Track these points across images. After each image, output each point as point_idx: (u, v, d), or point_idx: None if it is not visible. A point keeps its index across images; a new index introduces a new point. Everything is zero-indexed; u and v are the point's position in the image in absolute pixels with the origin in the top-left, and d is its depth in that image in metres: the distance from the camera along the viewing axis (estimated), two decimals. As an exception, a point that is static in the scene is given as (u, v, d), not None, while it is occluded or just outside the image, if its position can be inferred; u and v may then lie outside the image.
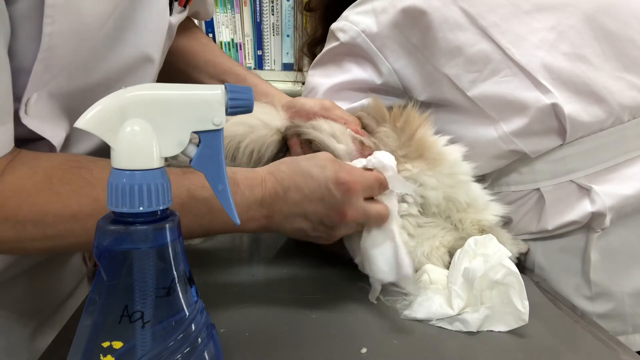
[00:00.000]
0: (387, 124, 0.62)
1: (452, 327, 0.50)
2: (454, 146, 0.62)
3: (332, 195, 0.49)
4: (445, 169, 0.59)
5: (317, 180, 0.49)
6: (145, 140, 0.30)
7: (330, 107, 0.64)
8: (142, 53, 0.52)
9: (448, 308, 0.50)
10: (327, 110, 0.63)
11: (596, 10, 0.65)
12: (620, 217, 0.63)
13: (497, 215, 0.63)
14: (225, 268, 0.63)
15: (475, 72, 0.66)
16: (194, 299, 0.32)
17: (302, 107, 0.64)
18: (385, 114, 0.64)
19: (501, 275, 0.49)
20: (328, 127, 0.59)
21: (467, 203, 0.61)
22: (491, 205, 0.63)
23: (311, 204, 0.50)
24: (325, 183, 0.49)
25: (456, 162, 0.61)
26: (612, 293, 0.64)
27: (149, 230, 0.30)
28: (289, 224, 0.51)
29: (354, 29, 0.71)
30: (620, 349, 0.48)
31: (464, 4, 0.66)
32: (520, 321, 0.48)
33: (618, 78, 0.64)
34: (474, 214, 0.61)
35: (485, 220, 0.61)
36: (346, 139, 0.59)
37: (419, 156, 0.59)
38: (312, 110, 0.63)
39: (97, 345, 0.29)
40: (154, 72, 0.56)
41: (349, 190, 0.49)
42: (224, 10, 1.37)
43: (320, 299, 0.55)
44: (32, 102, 0.44)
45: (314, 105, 0.64)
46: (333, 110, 0.64)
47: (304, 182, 0.50)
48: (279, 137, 0.61)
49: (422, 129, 0.61)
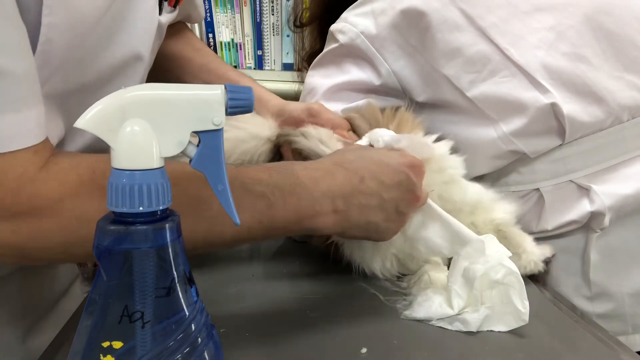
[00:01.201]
0: (379, 126, 0.62)
1: (452, 327, 0.50)
2: (440, 142, 0.62)
3: (409, 179, 0.50)
4: (433, 165, 0.58)
5: (393, 167, 0.49)
6: (145, 140, 0.30)
7: (318, 111, 0.64)
8: (132, 52, 0.52)
9: (448, 308, 0.50)
10: (315, 116, 0.64)
11: (596, 10, 0.65)
12: (620, 217, 0.63)
13: (509, 213, 0.62)
14: (225, 268, 0.63)
15: (475, 73, 0.66)
16: (194, 299, 0.32)
17: (290, 115, 0.65)
18: (378, 116, 0.64)
19: (501, 275, 0.49)
20: (315, 133, 0.60)
21: (468, 204, 0.60)
22: (499, 204, 0.62)
23: (390, 190, 0.49)
24: (401, 168, 0.50)
25: (443, 157, 0.60)
26: (612, 293, 0.64)
27: (149, 230, 0.30)
28: (364, 216, 0.49)
29: (353, 30, 0.71)
30: (620, 349, 0.48)
31: (463, 4, 0.66)
32: (521, 321, 0.48)
33: (617, 78, 0.64)
34: (484, 214, 0.60)
35: (498, 218, 0.60)
36: (334, 143, 0.59)
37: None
38: (300, 117, 0.64)
39: (97, 345, 0.29)
40: (143, 70, 0.56)
41: (422, 173, 0.51)
42: (224, 10, 1.37)
43: (320, 299, 0.55)
44: None
45: (301, 112, 0.65)
46: (321, 115, 0.64)
47: (380, 170, 0.49)
48: (271, 146, 0.62)
49: (414, 133, 0.60)
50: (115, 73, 0.51)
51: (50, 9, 0.40)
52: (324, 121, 0.63)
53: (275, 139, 0.62)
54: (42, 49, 0.41)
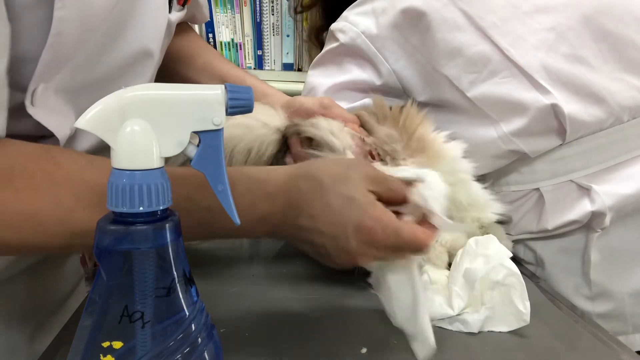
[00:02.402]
0: (387, 122, 0.62)
1: (452, 328, 0.50)
2: (454, 143, 0.62)
3: (347, 241, 0.42)
4: (445, 166, 0.58)
5: (336, 217, 0.42)
6: (145, 140, 0.30)
7: (329, 105, 0.64)
8: (142, 48, 0.52)
9: (448, 308, 0.50)
10: (326, 109, 0.63)
11: (595, 11, 0.65)
12: (620, 216, 0.63)
13: (497, 214, 0.64)
14: (225, 268, 0.63)
15: (475, 73, 0.66)
16: (194, 299, 0.32)
17: (301, 106, 0.64)
18: (387, 112, 0.64)
19: (502, 276, 0.49)
20: (326, 125, 0.59)
21: (468, 203, 0.61)
22: (491, 204, 0.64)
23: (321, 237, 0.43)
24: (344, 225, 0.42)
25: (456, 159, 0.61)
26: (612, 293, 0.64)
27: (149, 230, 0.30)
28: (294, 242, 0.47)
29: (353, 29, 0.71)
30: (620, 349, 0.48)
31: (463, 5, 0.66)
32: (522, 322, 0.48)
33: (617, 79, 0.64)
34: (475, 212, 0.61)
35: (485, 217, 0.62)
36: (344, 136, 0.59)
37: (419, 154, 0.59)
38: (311, 109, 0.63)
39: (97, 345, 0.29)
40: (153, 67, 0.56)
41: (371, 241, 0.42)
42: (224, 10, 1.37)
43: (320, 299, 0.55)
44: (39, 92, 0.44)
45: (313, 104, 0.64)
46: (332, 109, 0.64)
47: (321, 213, 0.43)
48: (279, 136, 0.62)
49: (422, 127, 0.61)
50: (125, 69, 0.52)
51: (62, 2, 0.40)
52: (335, 115, 0.62)
53: (284, 129, 0.62)
54: (52, 42, 0.41)
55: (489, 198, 0.64)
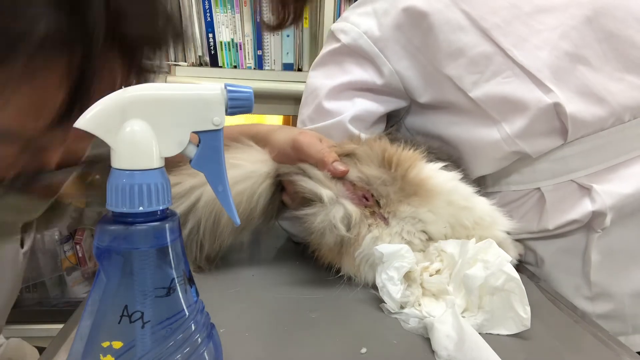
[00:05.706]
0: (381, 170, 0.59)
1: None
2: (447, 174, 0.59)
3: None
4: (441, 202, 0.57)
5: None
6: (145, 140, 0.30)
7: (302, 144, 0.61)
8: None
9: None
10: (299, 151, 0.61)
11: (596, 11, 0.65)
12: (621, 216, 0.63)
13: (504, 231, 0.60)
14: (226, 268, 0.63)
15: (477, 74, 0.66)
16: (194, 299, 0.32)
17: (280, 151, 0.64)
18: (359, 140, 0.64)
19: (502, 281, 0.49)
20: (314, 174, 0.58)
21: (472, 224, 0.58)
22: (498, 221, 0.61)
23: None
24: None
25: (452, 191, 0.58)
26: (612, 293, 0.64)
27: (149, 230, 0.30)
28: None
29: (355, 30, 0.71)
30: (620, 349, 0.48)
31: (465, 6, 0.66)
32: (522, 326, 0.48)
33: (619, 79, 0.64)
34: (481, 231, 0.59)
35: (492, 236, 0.58)
36: (334, 183, 0.57)
37: (413, 195, 0.57)
38: (286, 151, 0.62)
39: (97, 345, 0.29)
40: None
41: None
42: (224, 10, 1.37)
43: (320, 299, 0.55)
44: None
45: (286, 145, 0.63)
46: (304, 151, 0.60)
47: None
48: (271, 181, 0.62)
49: (414, 169, 0.58)
50: None
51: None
52: (306, 157, 0.60)
53: (275, 174, 0.62)
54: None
55: (495, 216, 0.61)
